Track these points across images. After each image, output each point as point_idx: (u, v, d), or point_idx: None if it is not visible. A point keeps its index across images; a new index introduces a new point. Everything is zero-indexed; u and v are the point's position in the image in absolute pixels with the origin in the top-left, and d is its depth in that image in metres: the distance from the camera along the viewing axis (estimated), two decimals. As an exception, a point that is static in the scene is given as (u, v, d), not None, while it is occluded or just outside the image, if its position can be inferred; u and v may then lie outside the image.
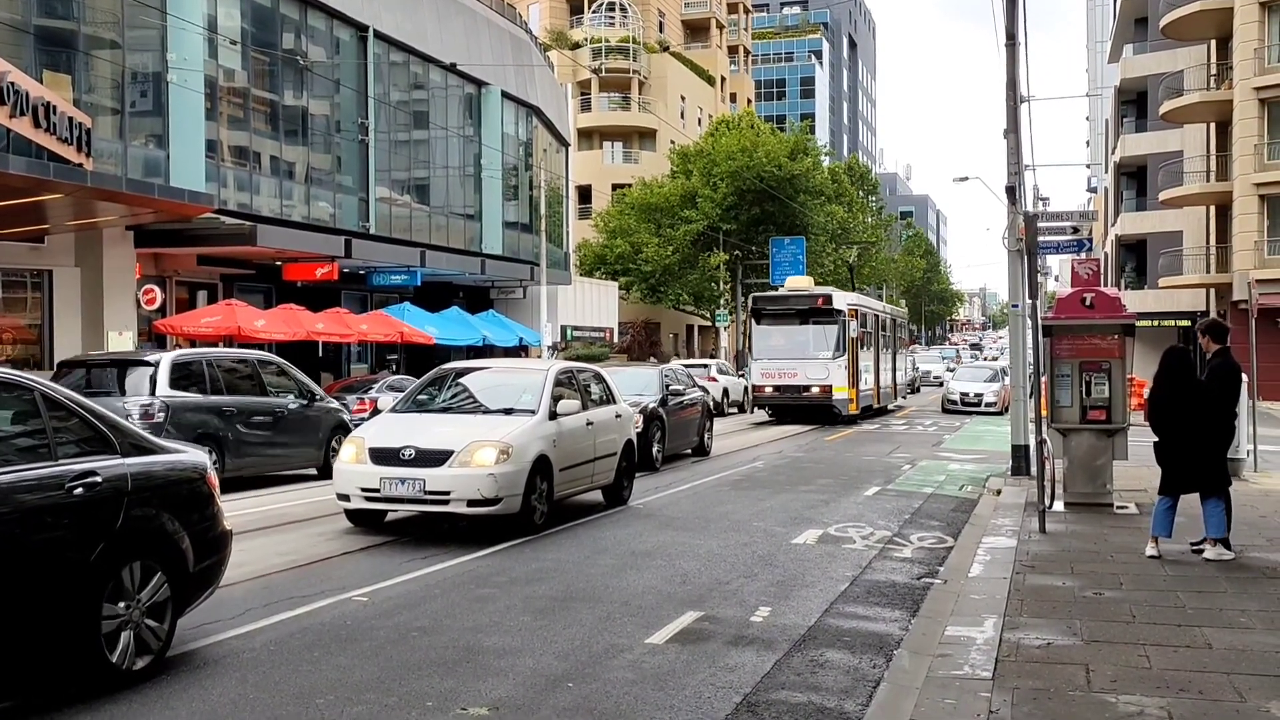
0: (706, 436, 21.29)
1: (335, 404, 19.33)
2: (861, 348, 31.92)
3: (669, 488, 15.91)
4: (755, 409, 31.90)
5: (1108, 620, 7.49)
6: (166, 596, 6.53)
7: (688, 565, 9.97)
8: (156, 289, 26.45)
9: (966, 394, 36.74)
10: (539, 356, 41.00)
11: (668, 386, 19.80)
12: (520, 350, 40.12)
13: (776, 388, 30.43)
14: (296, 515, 13.13)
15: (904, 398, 41.61)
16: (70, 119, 20.16)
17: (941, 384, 50.80)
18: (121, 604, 6.17)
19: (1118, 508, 12.75)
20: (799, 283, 33.42)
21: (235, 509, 13.41)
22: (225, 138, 28.04)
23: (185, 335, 26.14)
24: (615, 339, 54.25)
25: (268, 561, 10.00)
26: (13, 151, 18.31)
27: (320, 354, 32.00)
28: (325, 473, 16.31)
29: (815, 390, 29.71)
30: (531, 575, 9.43)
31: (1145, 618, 7.55)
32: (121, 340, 24.91)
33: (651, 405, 18.54)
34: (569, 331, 48.02)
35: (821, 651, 7.18)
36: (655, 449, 18.30)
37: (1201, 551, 9.67)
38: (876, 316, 35.65)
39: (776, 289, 38.63)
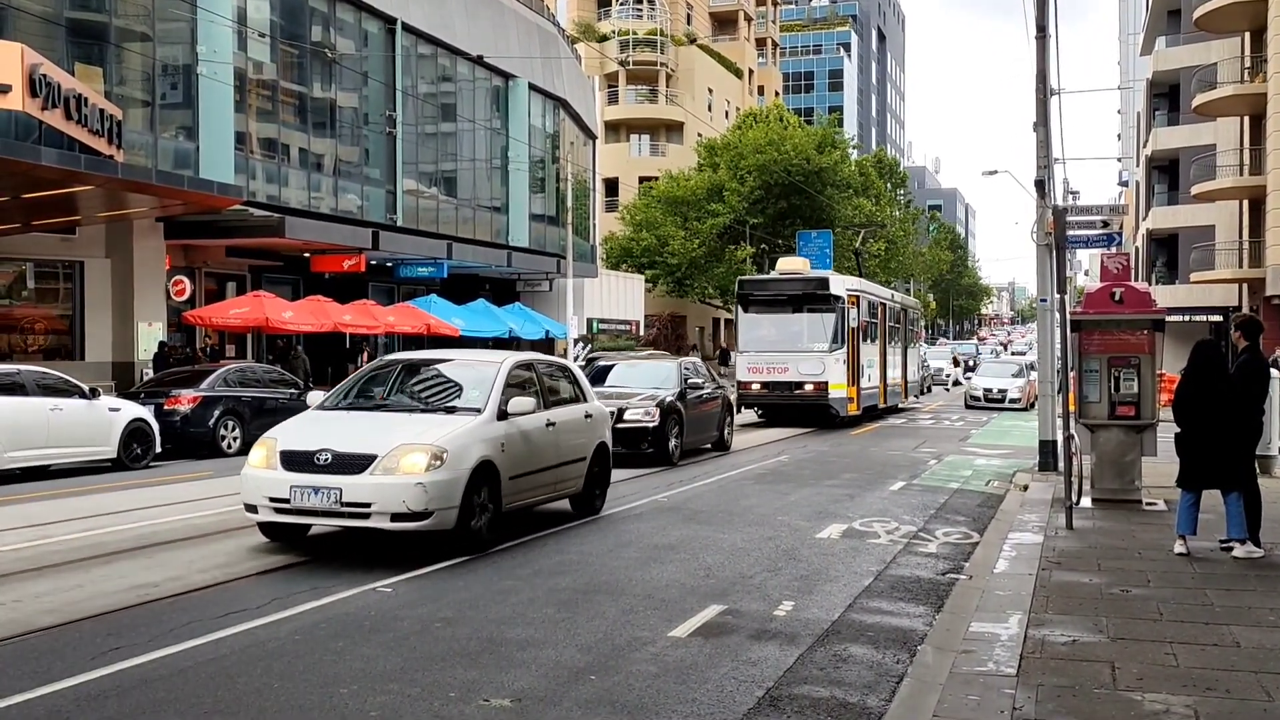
0: (726, 431, 20.87)
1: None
2: (864, 340, 28.46)
3: (692, 482, 15.89)
4: (740, 409, 26.90)
5: (1134, 618, 7.42)
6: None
7: (711, 559, 9.95)
8: (186, 280, 26.67)
9: (990, 390, 36.25)
10: (565, 349, 41.10)
11: (686, 380, 19.50)
12: (547, 342, 40.20)
13: (764, 385, 26.92)
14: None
15: (916, 397, 38.25)
16: (101, 111, 20.35)
17: (952, 385, 50.34)
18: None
19: (1146, 504, 12.64)
20: (792, 264, 29.35)
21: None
22: (254, 130, 28.22)
23: (214, 326, 26.35)
24: (641, 332, 54.24)
25: (290, 550, 10.05)
26: (45, 143, 18.50)
27: (349, 345, 32.13)
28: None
29: (809, 388, 26.29)
30: (555, 567, 9.44)
31: (1172, 615, 7.48)
32: (151, 331, 25.13)
33: (669, 399, 18.22)
34: (595, 324, 48.07)
35: (845, 646, 7.15)
36: (672, 443, 18.01)
37: (1230, 549, 9.58)
38: (883, 305, 31.80)
39: None
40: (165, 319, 25.86)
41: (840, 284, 27.28)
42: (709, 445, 20.39)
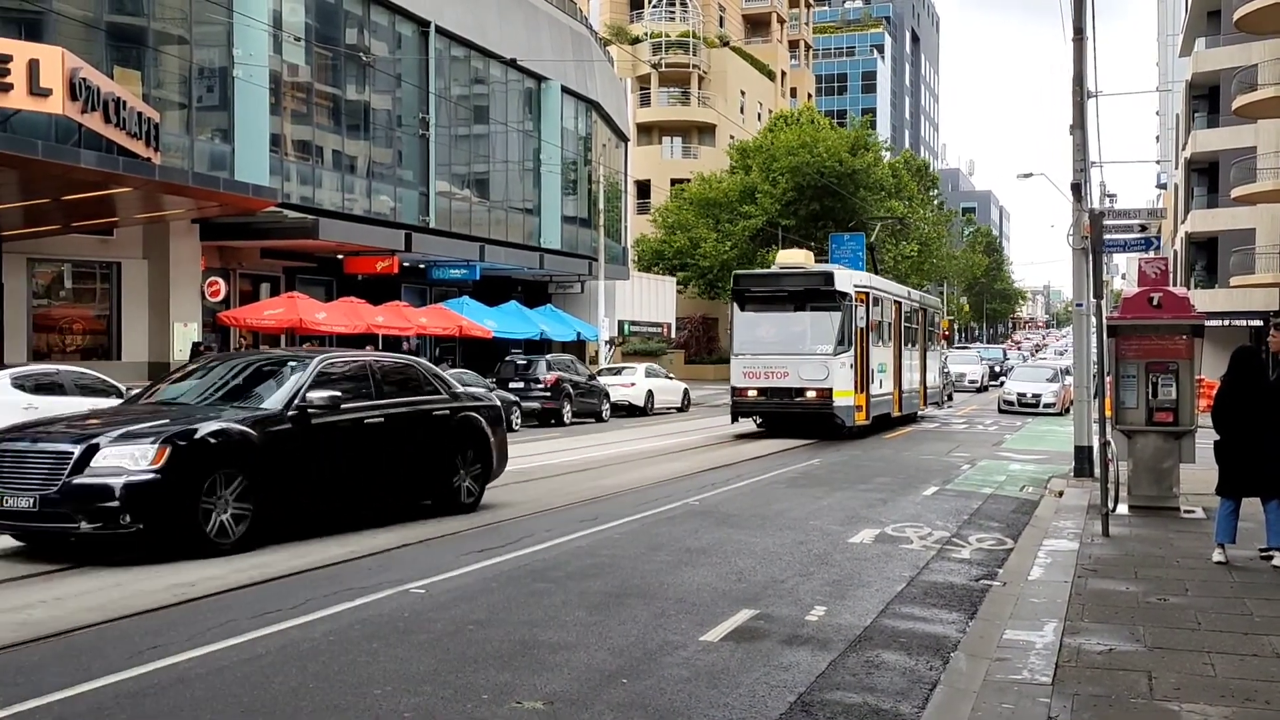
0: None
1: None
2: (876, 342, 25.93)
3: (724, 485, 15.88)
4: (736, 417, 25.42)
5: (1172, 627, 7.35)
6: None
7: (743, 563, 9.94)
8: (221, 281, 26.91)
9: (1024, 394, 35.84)
10: (596, 351, 41.16)
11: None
12: (578, 344, 40.29)
13: (762, 391, 24.35)
14: (356, 506, 13.26)
15: (937, 405, 35.60)
16: (139, 114, 20.58)
17: (980, 390, 49.84)
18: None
19: (1184, 512, 12.52)
20: (794, 257, 26.68)
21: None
22: (289, 132, 28.45)
23: (248, 327, 26.57)
24: (673, 334, 54.22)
25: (329, 552, 10.13)
26: (84, 146, 18.72)
27: (380, 346, 32.30)
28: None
29: (811, 394, 23.80)
30: (587, 570, 9.46)
31: (1211, 625, 7.40)
32: (187, 332, 25.36)
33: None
34: (626, 326, 48.11)
35: (877, 652, 7.12)
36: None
37: (1270, 558, 9.46)
38: (897, 304, 28.87)
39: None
40: (200, 319, 26.11)
41: (847, 279, 24.85)
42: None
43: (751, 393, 24.48)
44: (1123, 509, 12.48)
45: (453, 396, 12.75)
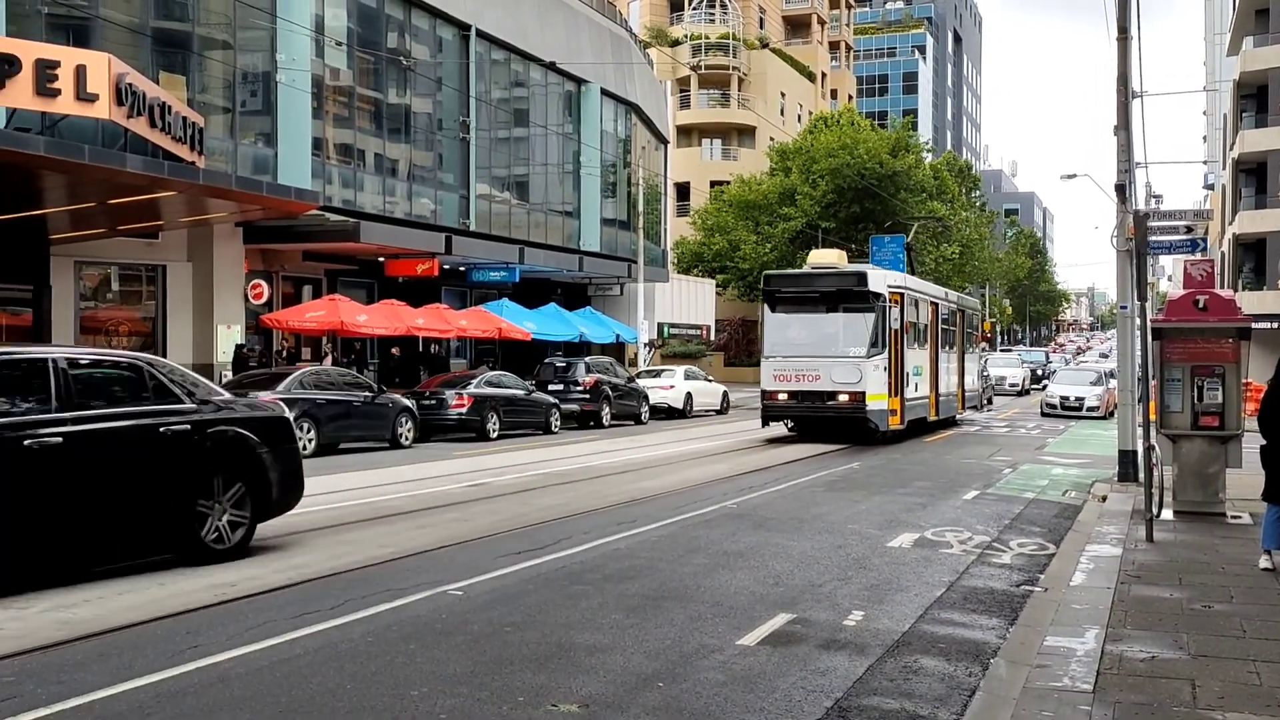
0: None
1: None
2: (910, 344, 25.19)
3: (762, 488, 15.82)
4: (767, 422, 24.82)
5: (1216, 634, 7.24)
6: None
7: (780, 566, 9.89)
8: (264, 284, 27.16)
9: (1067, 398, 35.37)
10: (635, 353, 41.17)
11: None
12: (617, 347, 40.32)
13: (792, 394, 23.68)
14: (398, 508, 13.37)
15: (976, 409, 34.67)
16: (184, 119, 20.82)
17: (1021, 394, 49.18)
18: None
19: (1230, 518, 12.33)
20: (825, 257, 26.04)
21: (337, 500, 13.73)
22: (330, 135, 28.70)
23: (290, 329, 26.81)
24: (712, 337, 54.14)
25: (368, 553, 10.20)
26: (130, 150, 18.95)
27: (421, 348, 32.49)
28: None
29: (843, 398, 23.13)
30: (624, 573, 9.45)
31: (1256, 633, 7.28)
32: (230, 334, 25.64)
33: None
34: (665, 329, 48.09)
35: (916, 658, 7.06)
36: None
37: (1318, 565, 9.30)
38: (934, 304, 28.11)
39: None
40: (244, 322, 26.38)
41: (880, 279, 24.07)
42: None
43: (782, 396, 23.86)
44: (1167, 514, 12.32)
45: (201, 406, 9.63)
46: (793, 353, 23.83)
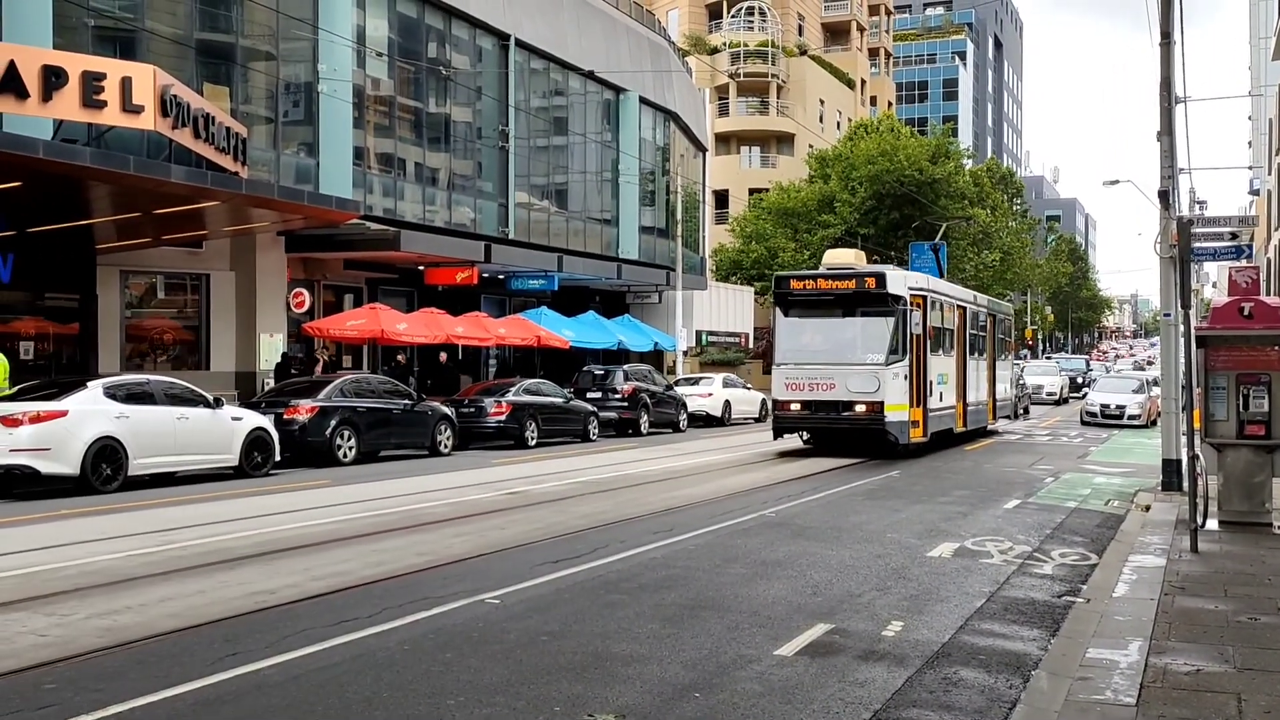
0: None
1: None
2: (934, 350, 23.62)
3: (799, 497, 15.75)
4: (780, 434, 23.30)
5: (1263, 647, 7.12)
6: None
7: (818, 576, 9.84)
8: (305, 292, 27.39)
9: (1107, 406, 34.73)
10: (673, 361, 41.15)
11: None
12: (655, 355, 40.29)
13: (806, 404, 22.29)
14: (436, 515, 13.42)
15: (1009, 419, 33.09)
16: (228, 129, 21.05)
17: (1059, 403, 48.31)
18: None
19: (1277, 528, 12.14)
20: (842, 257, 24.42)
21: (377, 508, 13.81)
22: (371, 145, 28.92)
23: (331, 338, 27.00)
24: (751, 344, 53.98)
25: (407, 561, 10.24)
26: (174, 161, 19.20)
27: (461, 357, 32.62)
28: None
29: (860, 408, 21.67)
30: (661, 582, 9.43)
31: (1305, 646, 7.16)
32: (273, 342, 25.88)
33: None
34: (704, 336, 48.00)
35: (955, 669, 6.99)
36: None
37: (1369, 577, 9.13)
38: (961, 309, 26.36)
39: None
40: (285, 330, 26.62)
41: (900, 281, 22.44)
42: None
43: (795, 406, 22.42)
44: (1212, 524, 12.14)
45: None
46: (806, 360, 22.50)
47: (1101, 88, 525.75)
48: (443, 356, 30.22)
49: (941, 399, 24.03)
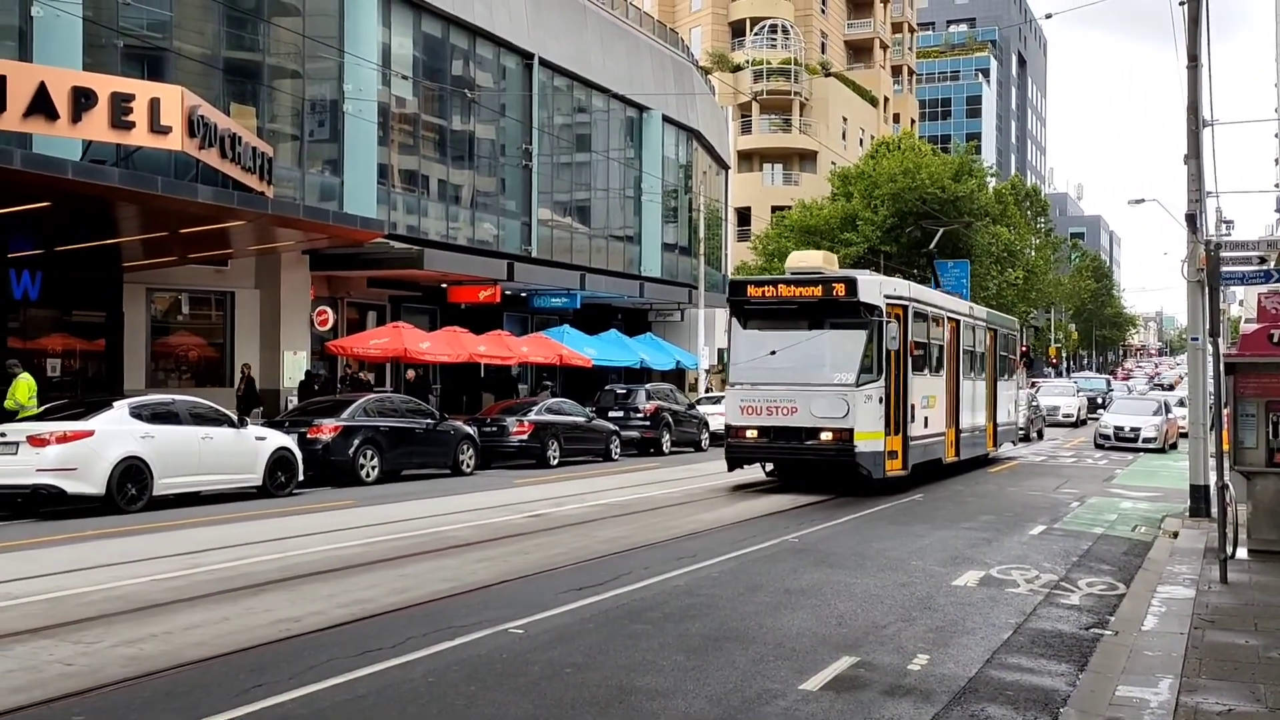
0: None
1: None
2: (918, 369, 20.38)
3: (824, 521, 15.67)
4: (738, 464, 20.32)
5: (1296, 687, 7.02)
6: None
7: (843, 606, 9.78)
8: (329, 310, 27.51)
9: (1122, 428, 33.23)
10: (695, 379, 41.09)
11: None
12: (677, 373, 40.25)
13: (763, 431, 19.22)
14: (459, 539, 13.41)
15: (1013, 444, 30.20)
16: (254, 149, 21.20)
17: (1077, 425, 46.30)
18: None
19: (1307, 558, 12.00)
20: (808, 260, 21.31)
21: (400, 531, 13.82)
22: (395, 163, 29.08)
23: (355, 356, 27.09)
24: (773, 362, 53.77)
25: (431, 587, 10.23)
26: (201, 180, 19.34)
27: (484, 375, 32.66)
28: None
29: (826, 436, 18.61)
30: (684, 611, 9.39)
31: (1338, 686, 7.06)
32: (297, 360, 25.99)
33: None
34: (726, 354, 47.86)
35: (982, 706, 6.93)
36: None
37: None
38: (954, 321, 22.93)
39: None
40: (309, 348, 26.74)
41: (875, 288, 19.21)
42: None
43: (751, 433, 19.37)
44: (1242, 553, 12.02)
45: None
46: (764, 379, 19.32)
47: (1126, 104, 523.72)
48: (410, 374, 29.70)
49: (927, 425, 20.83)
